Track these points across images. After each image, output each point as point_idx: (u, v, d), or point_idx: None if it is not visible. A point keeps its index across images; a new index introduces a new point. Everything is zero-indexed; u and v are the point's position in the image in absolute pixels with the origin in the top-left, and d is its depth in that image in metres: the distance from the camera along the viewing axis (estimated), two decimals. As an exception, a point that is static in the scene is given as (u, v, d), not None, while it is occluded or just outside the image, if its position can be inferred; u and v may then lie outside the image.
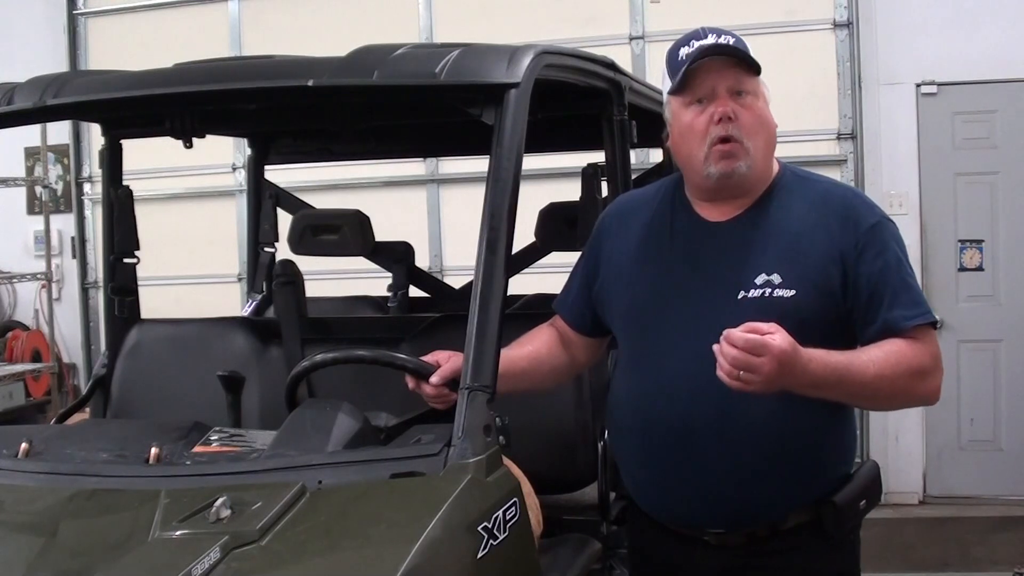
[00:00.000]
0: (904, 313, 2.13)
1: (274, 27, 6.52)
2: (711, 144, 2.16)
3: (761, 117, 2.18)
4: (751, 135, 2.16)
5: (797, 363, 1.98)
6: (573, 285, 2.47)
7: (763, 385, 1.97)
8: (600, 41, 5.64)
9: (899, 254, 2.19)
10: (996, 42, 5.72)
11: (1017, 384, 5.85)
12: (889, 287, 2.14)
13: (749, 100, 2.17)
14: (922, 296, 2.19)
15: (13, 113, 2.49)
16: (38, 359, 7.19)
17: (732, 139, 2.15)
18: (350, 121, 3.35)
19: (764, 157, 2.21)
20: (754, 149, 2.17)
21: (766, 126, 2.20)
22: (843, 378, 2.06)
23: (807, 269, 2.15)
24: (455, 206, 6.34)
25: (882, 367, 2.08)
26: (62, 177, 7.26)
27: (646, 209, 2.36)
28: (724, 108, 2.15)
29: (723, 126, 2.15)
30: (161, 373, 3.15)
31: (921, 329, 2.14)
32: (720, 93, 2.16)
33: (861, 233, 2.16)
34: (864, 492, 2.28)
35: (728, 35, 2.19)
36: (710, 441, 2.15)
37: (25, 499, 2.07)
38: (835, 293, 2.14)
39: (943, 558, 5.51)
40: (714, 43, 2.16)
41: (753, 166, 2.18)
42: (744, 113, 2.16)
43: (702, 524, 2.25)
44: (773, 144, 2.24)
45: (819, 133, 5.88)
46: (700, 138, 2.18)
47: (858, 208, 2.21)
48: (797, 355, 1.97)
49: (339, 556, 1.86)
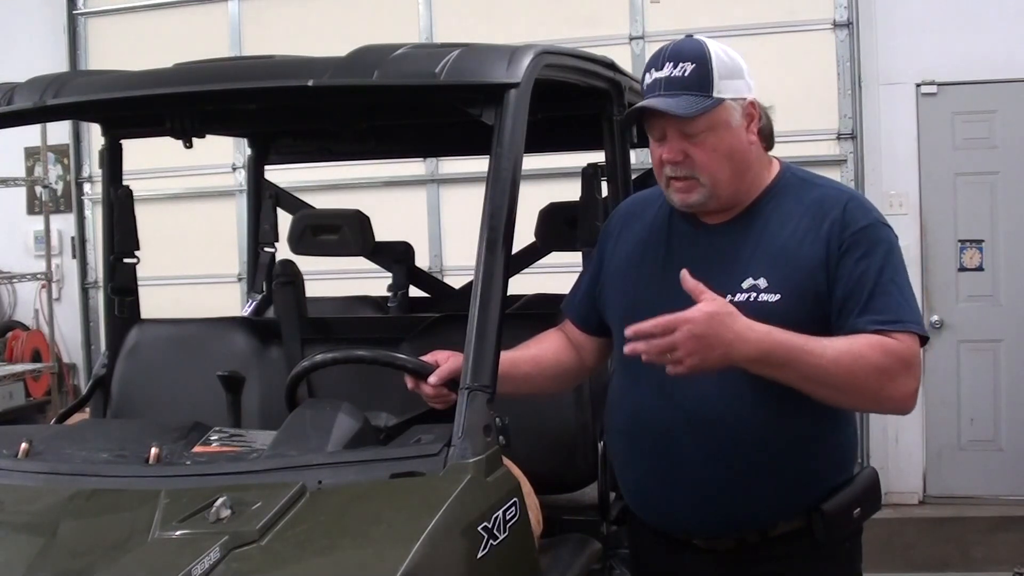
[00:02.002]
0: (876, 318, 2.07)
1: (274, 27, 6.52)
2: (667, 178, 2.20)
3: (718, 150, 2.15)
4: (705, 170, 2.15)
5: (729, 328, 1.96)
6: (581, 286, 2.48)
7: (699, 358, 1.95)
8: (600, 41, 5.63)
9: (888, 258, 2.12)
10: (996, 42, 5.72)
11: (1017, 384, 5.85)
12: (866, 291, 2.08)
13: (701, 138, 2.14)
14: (907, 303, 2.11)
15: (13, 113, 2.49)
16: (38, 359, 7.19)
17: (684, 177, 2.16)
18: (350, 121, 3.35)
19: (730, 182, 2.18)
20: (712, 181, 2.16)
21: (728, 156, 2.16)
22: (793, 355, 2.01)
23: (794, 274, 2.13)
24: (455, 206, 6.34)
25: (840, 354, 2.02)
26: (62, 177, 7.26)
27: (648, 211, 2.36)
28: (669, 155, 2.16)
29: (672, 167, 2.17)
30: (161, 373, 3.15)
31: (901, 332, 2.07)
32: (669, 135, 2.16)
33: (848, 235, 2.13)
34: (858, 500, 2.24)
35: (688, 62, 2.14)
36: (692, 445, 2.15)
37: (25, 499, 2.07)
38: (821, 298, 2.12)
39: (943, 558, 5.52)
40: (667, 76, 2.14)
41: (715, 195, 2.18)
42: (696, 151, 2.15)
43: (690, 529, 2.25)
44: (745, 164, 2.19)
45: (819, 133, 5.88)
46: (658, 171, 2.22)
47: (852, 211, 2.16)
48: (726, 320, 1.96)
49: (339, 556, 1.86)
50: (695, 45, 2.17)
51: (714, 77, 2.13)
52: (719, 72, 2.14)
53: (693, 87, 2.13)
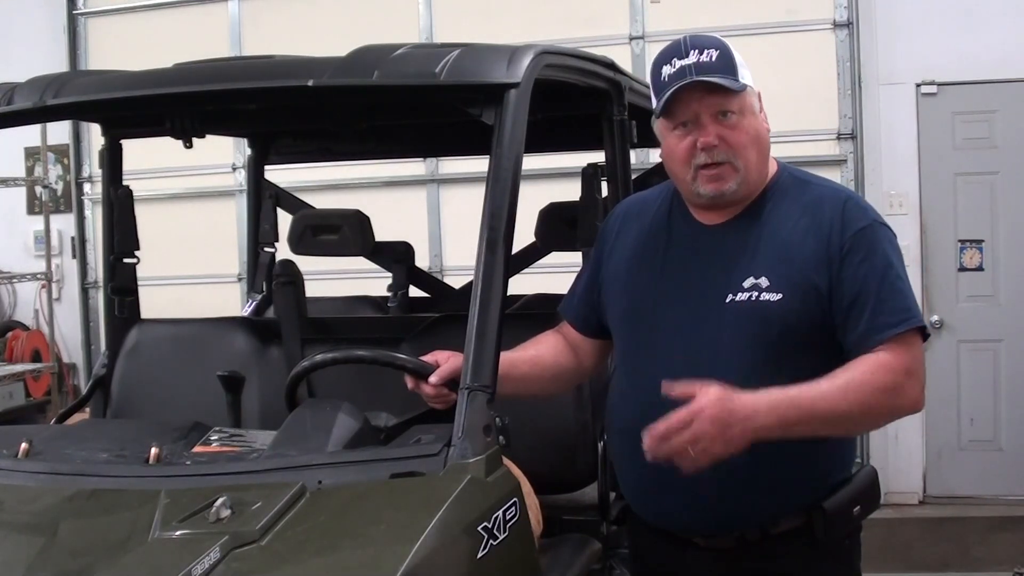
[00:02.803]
0: (888, 319, 2.08)
1: (274, 27, 6.52)
2: (696, 168, 2.16)
3: (750, 133, 2.16)
4: (741, 153, 2.15)
5: (738, 405, 1.96)
6: (578, 287, 2.48)
7: (722, 442, 1.95)
8: (600, 41, 5.63)
9: (888, 258, 2.14)
10: (996, 42, 5.72)
11: (1017, 384, 5.85)
12: (873, 293, 2.09)
13: (735, 119, 2.14)
14: (910, 301, 2.13)
15: (13, 113, 2.49)
16: (38, 359, 7.18)
17: (719, 163, 2.15)
18: (350, 121, 3.35)
19: (757, 169, 2.19)
20: (745, 166, 2.16)
21: (757, 139, 2.17)
22: (806, 407, 2.02)
23: (795, 273, 2.13)
24: (455, 206, 6.34)
25: (847, 390, 2.03)
26: (62, 177, 7.26)
27: (647, 212, 2.36)
28: (708, 138, 2.13)
29: (707, 153, 2.14)
30: (161, 373, 3.15)
31: (902, 336, 2.09)
32: (703, 120, 2.14)
33: (848, 237, 2.13)
34: (858, 498, 2.25)
35: (712, 48, 2.15)
36: None
37: (25, 499, 2.07)
38: (822, 298, 2.12)
39: (943, 558, 5.51)
40: (695, 62, 2.12)
41: (745, 180, 2.17)
42: (731, 134, 2.14)
43: (690, 527, 2.25)
44: (766, 152, 2.21)
45: (819, 133, 5.88)
46: (685, 162, 2.18)
47: (850, 211, 2.17)
48: (733, 398, 1.96)
49: (339, 556, 1.86)
50: (711, 36, 2.19)
51: (737, 63, 2.16)
52: (739, 60, 2.17)
53: (723, 71, 2.13)
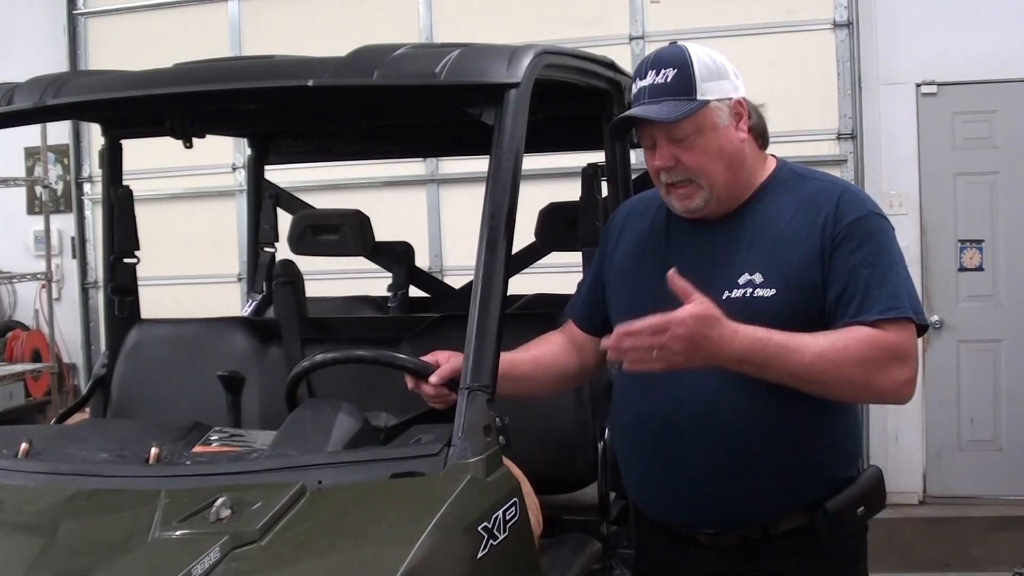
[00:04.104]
0: (875, 307, 2.07)
1: (274, 27, 6.52)
2: (665, 185, 2.22)
3: (708, 152, 2.17)
4: (701, 172, 2.17)
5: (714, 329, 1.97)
6: (584, 287, 2.50)
7: (684, 358, 1.97)
8: (600, 41, 5.63)
9: (882, 247, 2.13)
10: (996, 42, 5.72)
11: (1017, 384, 5.85)
12: (862, 282, 2.09)
13: (690, 140, 2.16)
14: (904, 291, 2.11)
15: (13, 113, 2.49)
16: (38, 359, 7.19)
17: (680, 183, 2.19)
18: (350, 121, 3.35)
19: (728, 182, 2.20)
20: (710, 182, 2.18)
21: (719, 155, 2.18)
22: (774, 353, 2.02)
23: (788, 268, 2.14)
24: (455, 206, 6.34)
25: (825, 350, 2.03)
26: (62, 177, 7.26)
27: (649, 210, 2.37)
28: (659, 162, 2.18)
29: (667, 174, 2.19)
30: (161, 373, 3.15)
31: (894, 322, 2.08)
32: (660, 142, 2.18)
33: (841, 227, 2.13)
34: (862, 499, 2.25)
35: (669, 68, 2.16)
36: (692, 440, 2.16)
37: (25, 499, 2.07)
38: (816, 292, 2.12)
39: (943, 558, 5.51)
40: (650, 84, 2.16)
41: (715, 196, 2.19)
42: (686, 155, 2.16)
43: (693, 524, 2.26)
44: (740, 162, 2.21)
45: (819, 133, 5.88)
46: (657, 179, 2.24)
47: (846, 203, 2.17)
48: (713, 322, 1.97)
49: (339, 556, 1.86)
50: (676, 51, 2.20)
51: (696, 80, 2.15)
52: (701, 75, 2.16)
53: (676, 92, 2.15)
